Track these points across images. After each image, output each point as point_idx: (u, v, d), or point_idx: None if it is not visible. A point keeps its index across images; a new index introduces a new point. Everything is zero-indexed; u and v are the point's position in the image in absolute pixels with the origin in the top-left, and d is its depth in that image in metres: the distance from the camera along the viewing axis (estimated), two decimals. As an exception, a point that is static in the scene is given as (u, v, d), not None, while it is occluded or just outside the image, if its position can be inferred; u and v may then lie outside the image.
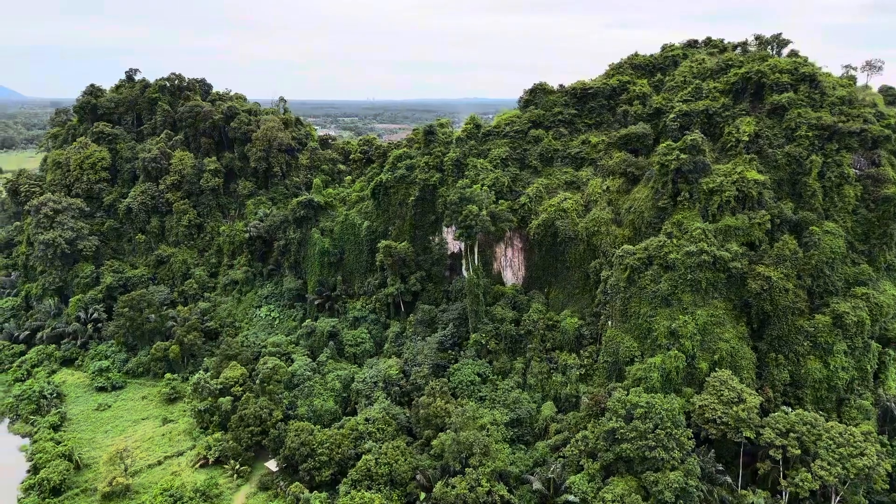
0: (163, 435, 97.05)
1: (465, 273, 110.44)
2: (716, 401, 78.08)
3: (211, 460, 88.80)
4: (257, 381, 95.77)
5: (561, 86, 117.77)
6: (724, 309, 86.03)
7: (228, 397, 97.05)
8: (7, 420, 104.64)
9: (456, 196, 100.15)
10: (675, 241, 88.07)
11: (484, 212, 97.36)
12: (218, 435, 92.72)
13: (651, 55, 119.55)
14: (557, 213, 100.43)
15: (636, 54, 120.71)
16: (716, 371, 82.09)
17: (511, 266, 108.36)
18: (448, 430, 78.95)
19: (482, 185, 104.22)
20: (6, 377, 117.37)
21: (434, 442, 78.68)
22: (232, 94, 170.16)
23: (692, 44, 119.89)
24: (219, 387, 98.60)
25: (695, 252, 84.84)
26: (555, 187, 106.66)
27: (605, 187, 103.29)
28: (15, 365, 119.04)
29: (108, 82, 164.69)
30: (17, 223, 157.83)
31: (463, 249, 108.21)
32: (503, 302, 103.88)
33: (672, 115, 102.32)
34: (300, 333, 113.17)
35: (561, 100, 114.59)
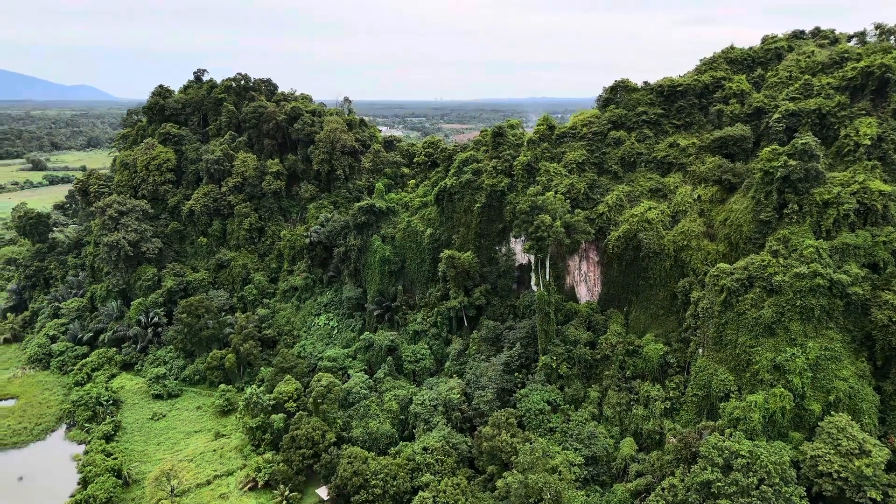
0: (214, 451, 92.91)
1: (534, 288, 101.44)
2: (832, 451, 66.30)
3: (260, 483, 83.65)
4: (310, 401, 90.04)
5: (645, 83, 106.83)
6: (842, 341, 73.70)
7: (281, 415, 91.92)
8: (64, 426, 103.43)
9: (526, 204, 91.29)
10: (781, 260, 76.36)
11: (558, 222, 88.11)
12: (269, 455, 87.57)
13: (750, 48, 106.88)
14: (640, 223, 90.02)
15: (732, 47, 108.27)
16: (831, 415, 70.14)
17: (586, 281, 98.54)
18: (514, 470, 70.40)
19: (556, 192, 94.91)
20: (68, 380, 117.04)
21: (499, 483, 70.31)
22: (297, 94, 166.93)
23: (798, 34, 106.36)
24: (272, 403, 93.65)
25: (806, 274, 73.01)
26: (637, 195, 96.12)
27: (695, 196, 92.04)
28: (76, 367, 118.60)
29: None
30: (88, 223, 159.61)
31: (532, 262, 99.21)
32: (577, 321, 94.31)
33: (777, 116, 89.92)
34: (358, 347, 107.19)
35: (646, 98, 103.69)
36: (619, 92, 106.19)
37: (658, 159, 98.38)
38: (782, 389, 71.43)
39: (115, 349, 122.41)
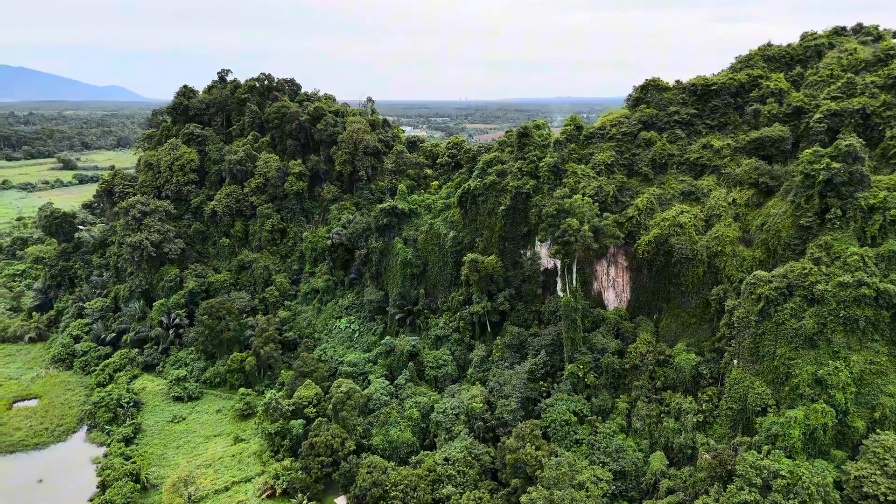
0: (233, 456, 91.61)
1: (560, 293, 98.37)
2: (877, 471, 62.52)
3: (278, 491, 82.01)
4: (329, 407, 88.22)
5: (678, 82, 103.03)
6: (888, 355, 69.65)
7: (300, 420, 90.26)
8: (85, 427, 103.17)
9: (553, 207, 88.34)
10: (823, 268, 72.51)
11: (585, 226, 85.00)
12: (287, 462, 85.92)
13: (788, 45, 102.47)
14: (672, 228, 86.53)
15: (769, 44, 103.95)
16: (876, 432, 66.32)
17: (614, 287, 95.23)
18: (539, 485, 67.63)
19: (583, 195, 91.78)
20: (90, 380, 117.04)
21: (523, 498, 67.53)
22: (320, 94, 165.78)
23: (839, 31, 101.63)
24: (291, 408, 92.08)
25: (850, 283, 69.15)
26: (669, 198, 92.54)
27: (730, 200, 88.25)
28: (99, 368, 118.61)
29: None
30: (113, 223, 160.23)
31: (559, 267, 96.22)
32: (604, 329, 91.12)
33: (818, 116, 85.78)
34: (378, 351, 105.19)
35: (678, 98, 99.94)
36: (649, 91, 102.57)
37: (691, 161, 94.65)
38: (824, 405, 67.79)
39: (137, 350, 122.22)
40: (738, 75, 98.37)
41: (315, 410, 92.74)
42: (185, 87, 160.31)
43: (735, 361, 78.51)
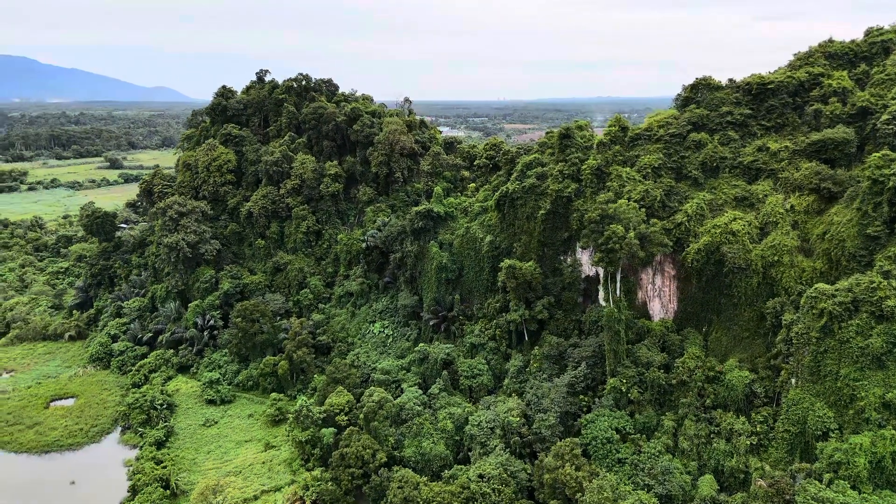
0: (263, 463, 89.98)
1: (602, 302, 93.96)
2: (957, 508, 56.68)
3: (307, 502, 79.79)
4: (361, 416, 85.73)
5: (731, 80, 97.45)
6: (968, 379, 63.44)
7: (331, 429, 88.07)
8: (119, 428, 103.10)
9: (596, 213, 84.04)
10: (893, 282, 66.62)
11: (631, 233, 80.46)
12: (317, 472, 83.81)
13: (851, 41, 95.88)
14: (724, 235, 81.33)
15: (830, 41, 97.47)
16: (954, 464, 60.39)
17: (660, 297, 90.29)
18: (580, 510, 63.69)
19: (629, 200, 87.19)
20: (126, 380, 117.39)
21: (562, 523, 63.64)
22: (357, 95, 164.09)
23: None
24: (322, 415, 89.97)
25: (926, 299, 63.18)
26: (721, 204, 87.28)
27: (788, 206, 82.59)
28: (135, 368, 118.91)
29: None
30: (152, 223, 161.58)
31: (601, 275, 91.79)
32: (649, 341, 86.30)
33: (886, 117, 79.47)
34: (412, 359, 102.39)
35: (731, 97, 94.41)
36: (700, 90, 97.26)
37: (745, 164, 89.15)
38: (893, 431, 62.15)
39: (172, 351, 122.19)
40: (797, 73, 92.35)
41: (347, 418, 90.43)
42: (223, 87, 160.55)
43: (793, 381, 73.13)
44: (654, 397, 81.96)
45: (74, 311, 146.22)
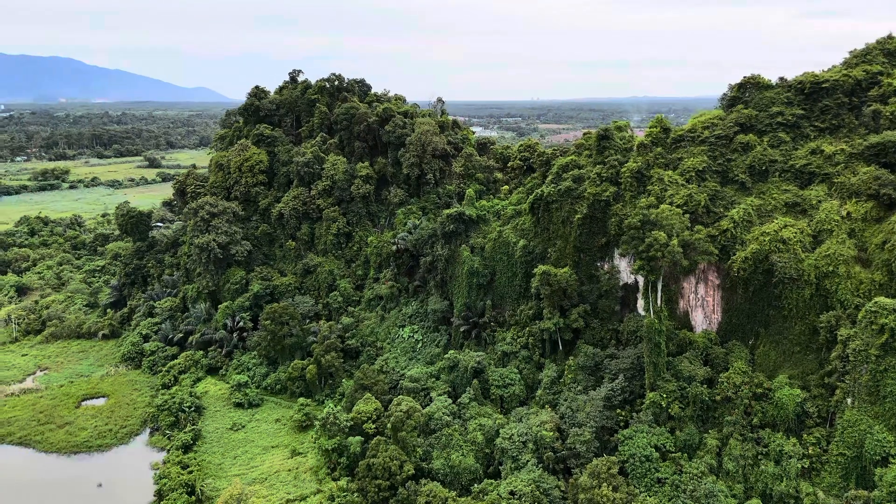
0: (289, 470, 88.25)
1: (641, 311, 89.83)
2: None
3: (333, 513, 77.73)
4: (389, 425, 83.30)
5: (781, 79, 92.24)
6: None
7: (358, 437, 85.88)
8: (148, 430, 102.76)
9: (637, 218, 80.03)
10: (964, 297, 61.34)
11: (674, 240, 76.27)
12: (343, 482, 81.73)
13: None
14: (773, 244, 76.63)
15: (890, 37, 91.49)
16: None
17: (703, 307, 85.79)
18: (617, 535, 60.07)
19: (671, 205, 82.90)
20: (157, 381, 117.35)
21: (598, 549, 60.11)
22: (390, 95, 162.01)
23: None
24: (349, 423, 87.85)
25: None
26: (770, 210, 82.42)
27: (844, 213, 77.44)
28: (165, 369, 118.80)
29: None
30: (185, 223, 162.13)
31: (641, 283, 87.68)
32: (691, 353, 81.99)
33: (955, 116, 73.69)
34: (441, 366, 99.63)
35: (781, 97, 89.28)
36: (748, 90, 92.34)
37: (796, 168, 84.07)
38: (964, 460, 57.10)
39: (201, 352, 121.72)
40: (853, 71, 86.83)
41: (374, 427, 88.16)
42: (256, 87, 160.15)
43: (849, 400, 68.34)
44: (697, 413, 77.71)
45: (108, 310, 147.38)
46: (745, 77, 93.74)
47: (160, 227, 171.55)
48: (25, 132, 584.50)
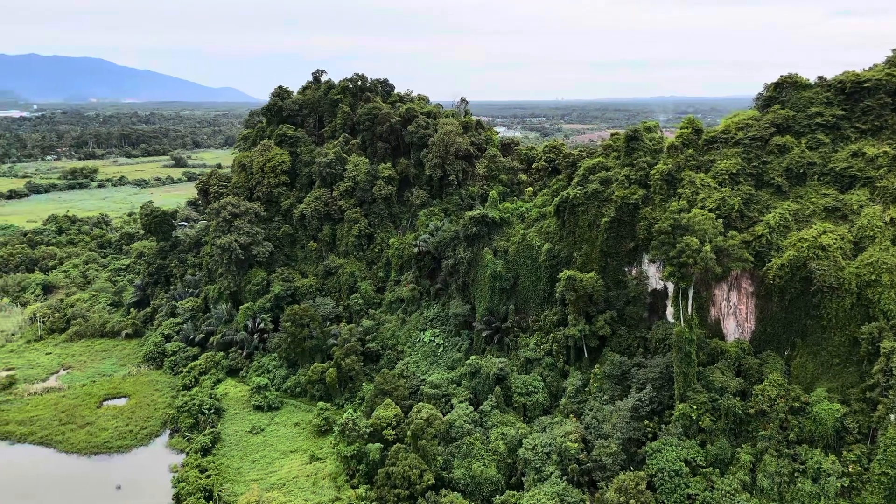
0: (307, 476, 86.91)
1: (670, 318, 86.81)
2: None
3: (351, 522, 76.17)
4: (409, 433, 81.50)
5: (820, 78, 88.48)
6: None
7: (378, 444, 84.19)
8: (168, 431, 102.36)
9: (668, 223, 77.08)
10: None
11: (707, 246, 73.20)
12: (362, 490, 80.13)
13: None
14: (812, 250, 73.14)
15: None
16: None
17: (735, 315, 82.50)
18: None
19: (703, 208, 79.77)
20: (178, 381, 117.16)
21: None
22: (413, 95, 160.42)
23: None
24: (368, 429, 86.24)
25: None
26: (808, 215, 78.88)
27: (888, 219, 73.72)
28: (186, 370, 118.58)
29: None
30: (208, 223, 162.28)
31: (670, 289, 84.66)
32: (723, 364, 78.84)
33: None
34: (463, 372, 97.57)
35: (820, 97, 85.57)
36: (785, 89, 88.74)
37: (836, 171, 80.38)
38: None
39: (222, 353, 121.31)
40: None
41: (394, 433, 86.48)
42: (279, 87, 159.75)
43: (892, 417, 64.90)
44: (729, 427, 74.56)
45: (132, 309, 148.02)
46: (781, 76, 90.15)
47: (185, 226, 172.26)
48: (56, 131, 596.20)
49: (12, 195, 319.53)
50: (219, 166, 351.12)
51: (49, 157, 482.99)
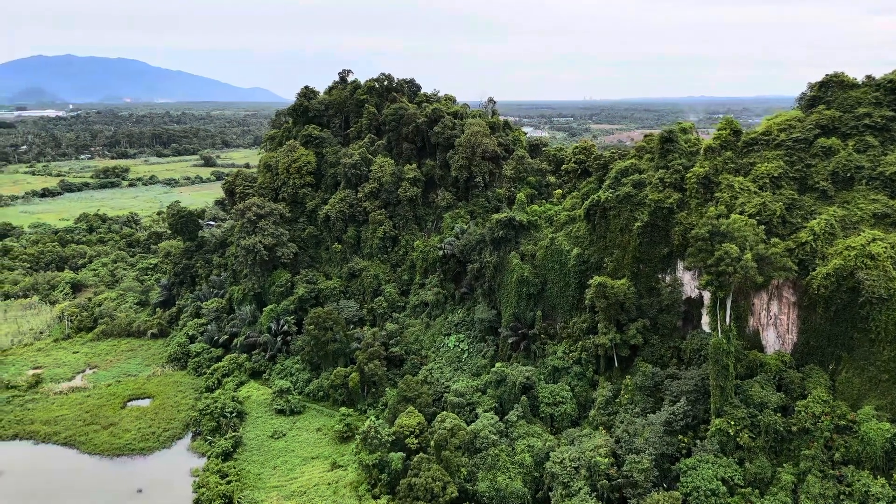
0: (328, 484, 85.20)
1: (705, 328, 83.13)
2: None
3: (372, 534, 74.16)
4: (432, 443, 79.22)
5: (868, 77, 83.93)
6: None
7: (400, 454, 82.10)
8: (190, 434, 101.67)
9: (705, 229, 73.47)
10: None
11: (748, 254, 69.48)
12: (384, 501, 78.21)
13: None
14: (860, 259, 69.03)
15: None
16: None
17: (776, 326, 78.49)
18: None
19: (742, 213, 75.99)
20: (201, 382, 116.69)
21: None
22: (440, 95, 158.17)
23: None
24: (391, 438, 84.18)
25: None
26: (856, 221, 74.59)
27: (944, 226, 69.01)
28: (209, 371, 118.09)
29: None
30: (234, 223, 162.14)
31: (706, 298, 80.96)
32: (762, 377, 74.93)
33: None
34: (488, 380, 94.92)
35: (868, 97, 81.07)
36: (830, 89, 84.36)
37: (886, 176, 75.92)
38: None
39: (245, 355, 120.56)
40: (954, 67, 77.70)
41: (417, 442, 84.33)
42: (306, 87, 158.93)
43: (950, 439, 60.40)
44: (769, 444, 70.75)
45: (158, 309, 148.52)
46: (826, 75, 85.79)
47: (212, 225, 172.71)
48: (90, 131, 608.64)
49: (46, 193, 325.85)
50: (247, 165, 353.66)
51: (83, 157, 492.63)
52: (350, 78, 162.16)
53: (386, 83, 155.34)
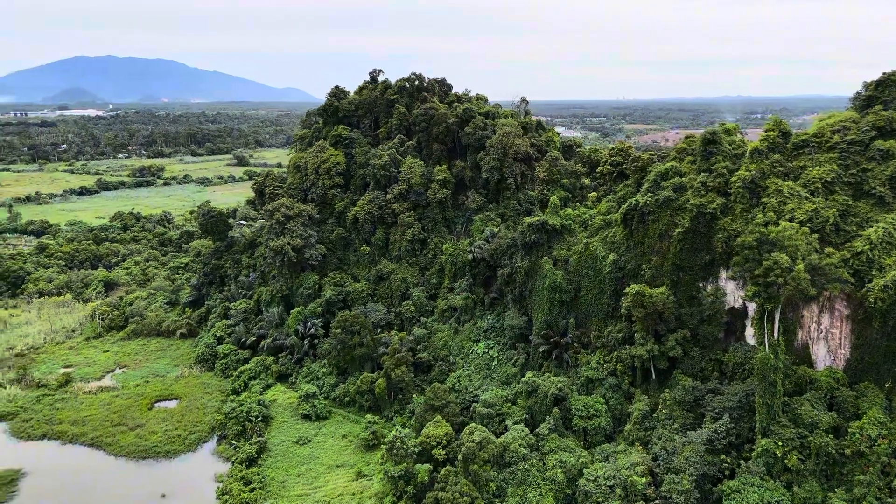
0: (353, 494, 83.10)
1: (750, 340, 78.65)
2: None
3: (396, 549, 71.68)
4: (459, 456, 76.43)
5: (931, 74, 78.39)
6: None
7: (427, 465, 79.54)
8: (216, 437, 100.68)
9: (753, 237, 69.25)
10: None
11: (800, 265, 65.09)
12: (409, 514, 75.57)
13: None
14: (922, 271, 63.97)
15: None
16: None
17: (827, 340, 73.77)
18: None
19: (792, 220, 71.48)
20: (227, 385, 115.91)
21: None
22: (471, 95, 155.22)
23: None
24: (417, 449, 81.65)
25: None
26: (917, 230, 69.38)
27: None
28: (236, 373, 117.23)
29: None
30: (263, 224, 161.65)
31: (751, 309, 76.53)
32: (813, 395, 70.44)
33: None
34: (518, 390, 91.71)
35: (931, 95, 75.60)
36: (888, 88, 78.99)
37: (952, 180, 70.54)
38: None
39: (272, 358, 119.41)
40: None
41: (444, 453, 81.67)
42: (336, 87, 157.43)
43: None
44: (820, 468, 66.33)
45: (187, 309, 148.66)
46: (884, 73, 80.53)
47: (243, 224, 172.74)
48: (128, 130, 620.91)
49: (83, 191, 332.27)
50: (279, 165, 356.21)
51: (120, 155, 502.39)
52: (381, 78, 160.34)
53: (416, 83, 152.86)
